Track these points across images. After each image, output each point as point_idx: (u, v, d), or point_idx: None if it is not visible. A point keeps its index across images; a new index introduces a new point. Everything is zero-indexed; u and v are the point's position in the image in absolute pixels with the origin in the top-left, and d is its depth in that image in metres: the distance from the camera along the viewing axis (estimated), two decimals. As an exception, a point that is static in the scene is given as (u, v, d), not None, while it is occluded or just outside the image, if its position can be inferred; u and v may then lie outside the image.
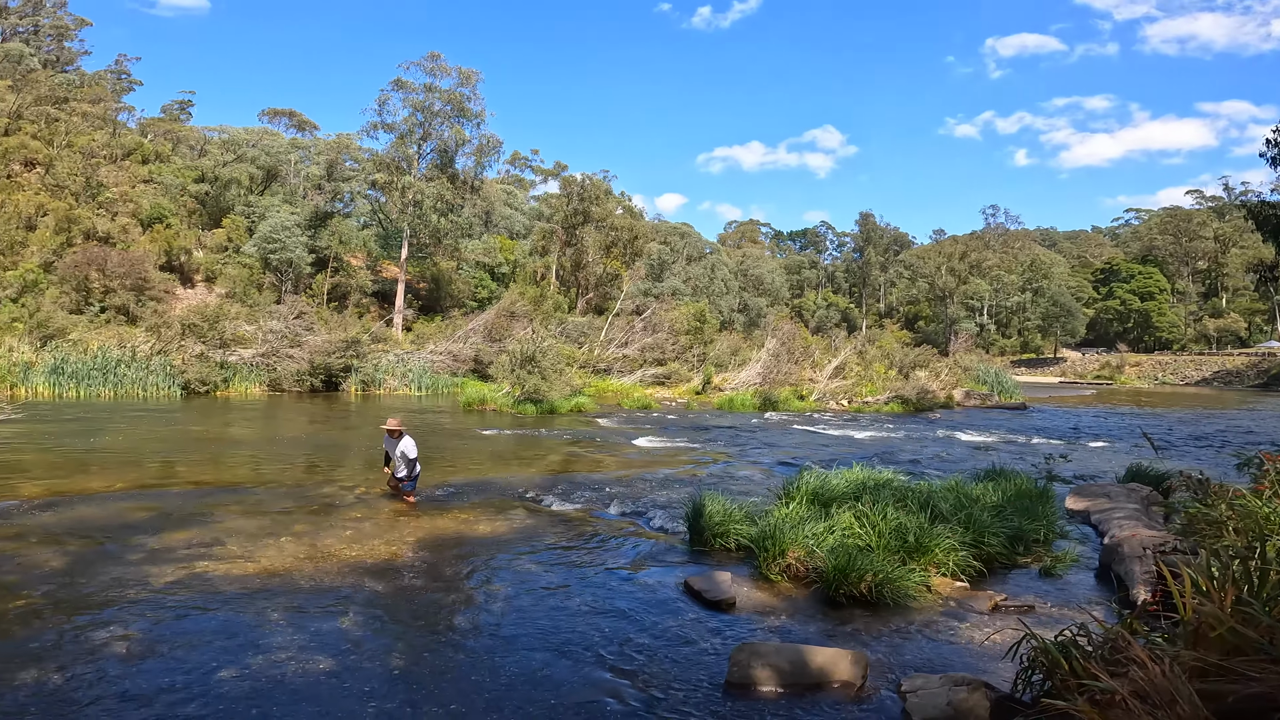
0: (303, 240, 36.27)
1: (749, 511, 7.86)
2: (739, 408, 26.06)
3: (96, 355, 21.73)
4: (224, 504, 8.49)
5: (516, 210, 58.15)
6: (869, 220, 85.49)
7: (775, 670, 4.44)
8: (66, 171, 33.42)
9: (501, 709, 4.04)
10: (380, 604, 5.64)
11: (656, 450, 15.16)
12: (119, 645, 4.47)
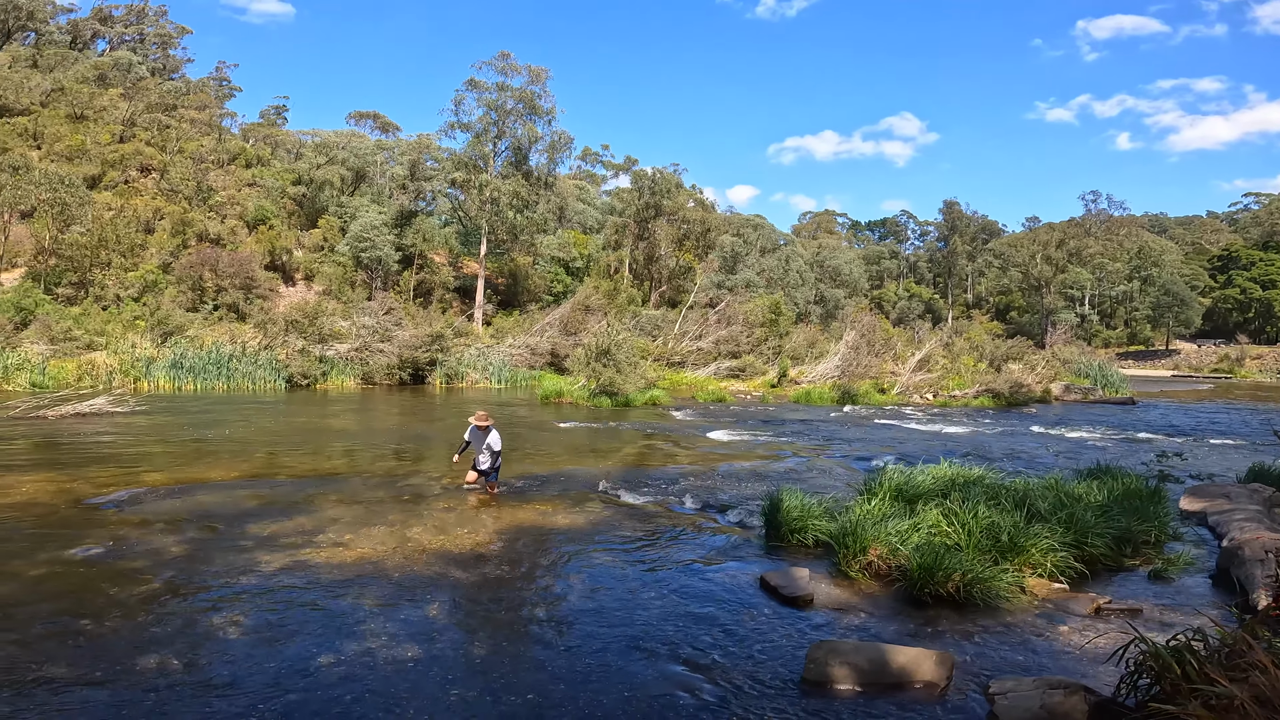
0: (390, 239, 37.93)
1: (828, 507, 7.70)
2: (816, 401, 25.49)
3: (211, 350, 23.36)
4: (323, 493, 9.02)
5: (589, 205, 58.82)
6: (954, 208, 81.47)
7: (853, 669, 4.34)
8: (179, 176, 36.09)
9: (577, 700, 4.12)
10: (463, 594, 5.85)
11: (731, 444, 15.05)
12: (231, 631, 4.80)
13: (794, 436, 16.25)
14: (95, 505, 7.88)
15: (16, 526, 6.86)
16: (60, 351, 21.76)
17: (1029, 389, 26.87)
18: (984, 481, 8.15)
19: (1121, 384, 32.89)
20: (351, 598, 5.50)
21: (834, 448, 14.64)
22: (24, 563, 5.79)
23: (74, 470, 9.74)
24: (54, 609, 4.95)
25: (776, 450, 14.14)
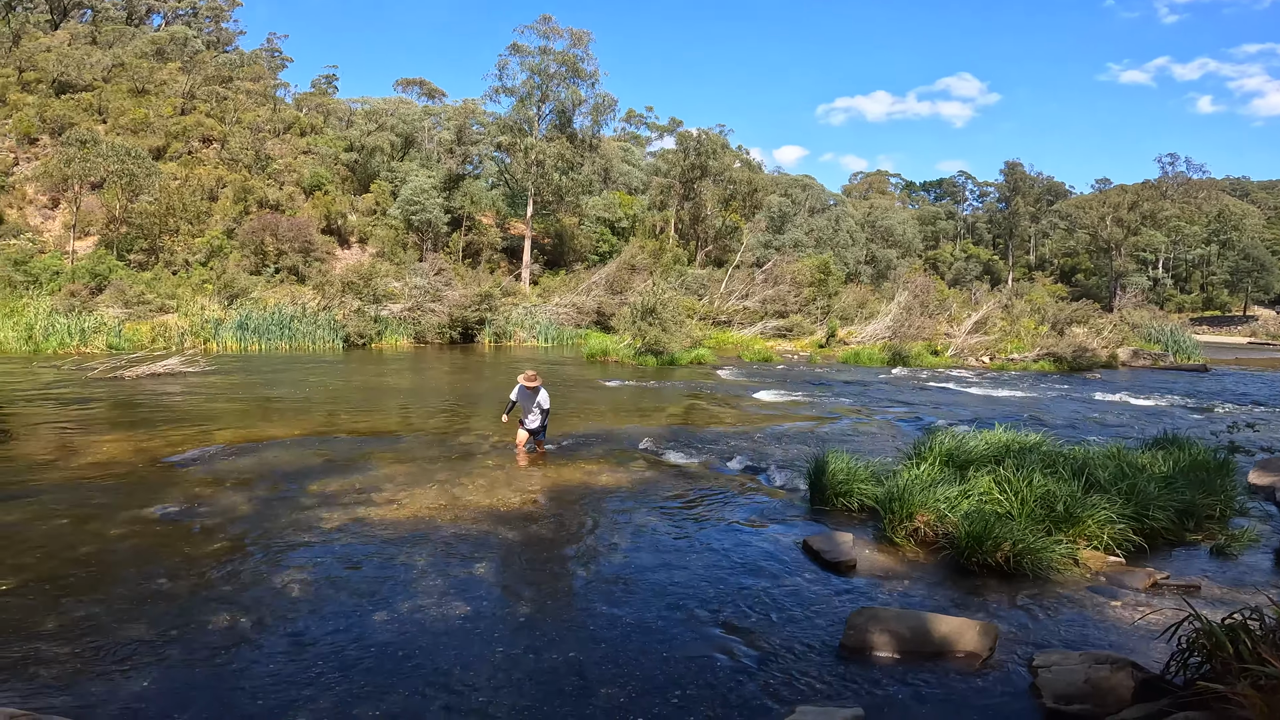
0: (439, 201, 38.56)
1: (875, 471, 7.59)
2: (865, 362, 25.00)
3: (273, 312, 24.19)
4: (379, 451, 9.34)
5: (634, 166, 58.20)
6: (1016, 169, 77.69)
7: (894, 636, 4.32)
8: (238, 146, 37.25)
9: (617, 660, 4.22)
10: (509, 552, 6.02)
11: (777, 404, 14.93)
12: (294, 588, 5.04)
13: (842, 398, 16.02)
14: (171, 464, 8.31)
15: (99, 485, 7.30)
16: (134, 315, 22.83)
17: (1093, 353, 25.70)
18: (1040, 448, 7.90)
19: (1194, 350, 31.18)
20: (404, 556, 5.72)
21: (883, 410, 14.39)
22: (106, 523, 6.14)
23: (150, 429, 10.30)
24: (134, 568, 5.24)
25: (823, 412, 13.98)
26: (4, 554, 5.27)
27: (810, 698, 3.80)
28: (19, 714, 2.97)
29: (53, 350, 18.91)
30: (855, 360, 25.39)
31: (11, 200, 29.69)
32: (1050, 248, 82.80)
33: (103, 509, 6.48)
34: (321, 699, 3.60)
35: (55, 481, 7.31)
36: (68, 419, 10.83)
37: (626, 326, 24.46)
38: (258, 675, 3.81)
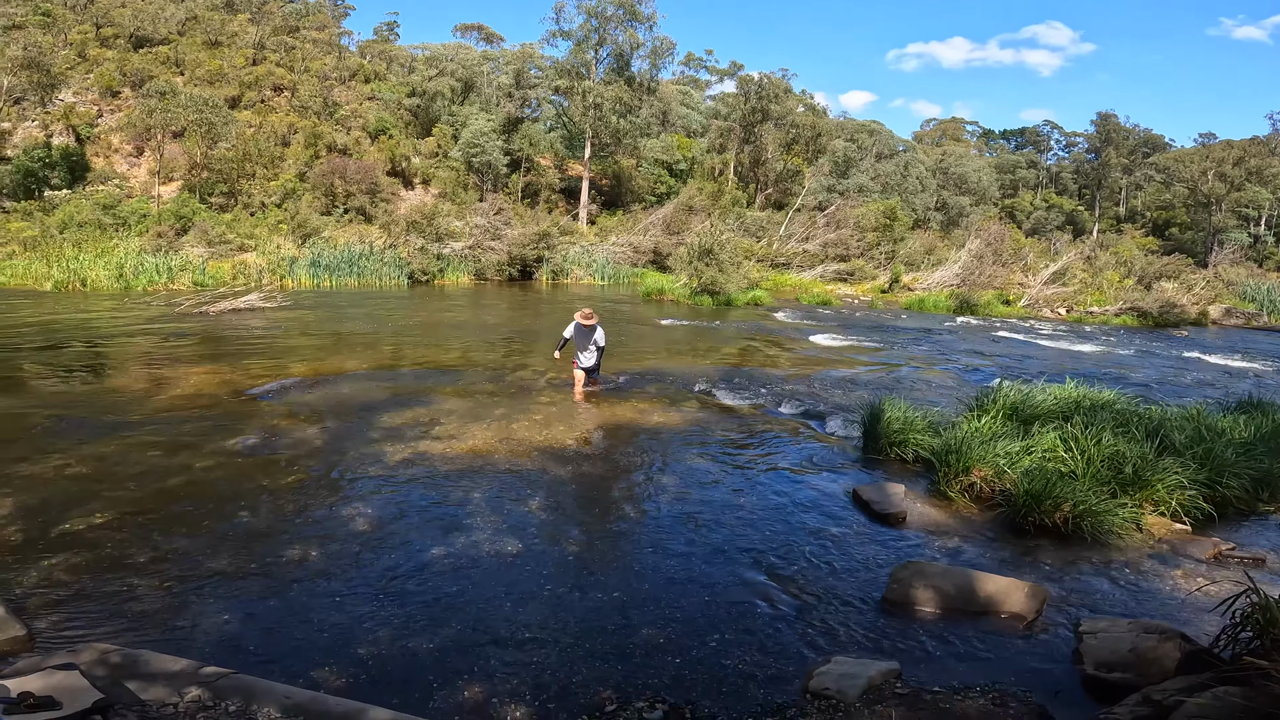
0: (498, 144, 38.83)
1: (932, 421, 7.38)
2: (930, 309, 24.08)
3: (343, 250, 25.18)
4: (440, 385, 9.65)
5: (693, 110, 56.50)
6: (1110, 120, 71.68)
7: (939, 593, 4.27)
8: (307, 94, 38.21)
9: (659, 601, 4.32)
10: (560, 490, 6.18)
11: (834, 349, 14.62)
12: (360, 523, 5.28)
13: (903, 345, 15.55)
14: (252, 396, 8.75)
15: (187, 417, 7.76)
16: (216, 254, 24.10)
17: (1182, 310, 24.00)
18: (1113, 406, 7.51)
19: (1291, 310, 28.74)
20: (461, 492, 5.94)
21: (945, 359, 13.91)
22: (193, 454, 6.53)
23: (233, 362, 10.88)
24: (217, 500, 5.56)
25: (882, 358, 13.63)
26: (103, 486, 5.68)
27: (848, 649, 3.83)
28: (112, 649, 3.21)
29: (142, 288, 20.08)
30: (919, 307, 24.48)
31: (98, 149, 31.38)
32: (1143, 200, 76.61)
33: (190, 441, 6.91)
34: (380, 631, 3.82)
35: (148, 414, 7.81)
36: (158, 352, 11.51)
37: (683, 266, 24.24)
38: (325, 608, 4.05)
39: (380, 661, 3.53)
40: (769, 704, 3.29)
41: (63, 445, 6.52)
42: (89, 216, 25.31)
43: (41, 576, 4.14)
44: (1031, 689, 3.44)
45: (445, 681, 3.39)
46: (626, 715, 3.16)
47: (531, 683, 3.42)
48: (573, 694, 3.35)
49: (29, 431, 6.88)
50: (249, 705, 2.85)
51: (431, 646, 3.70)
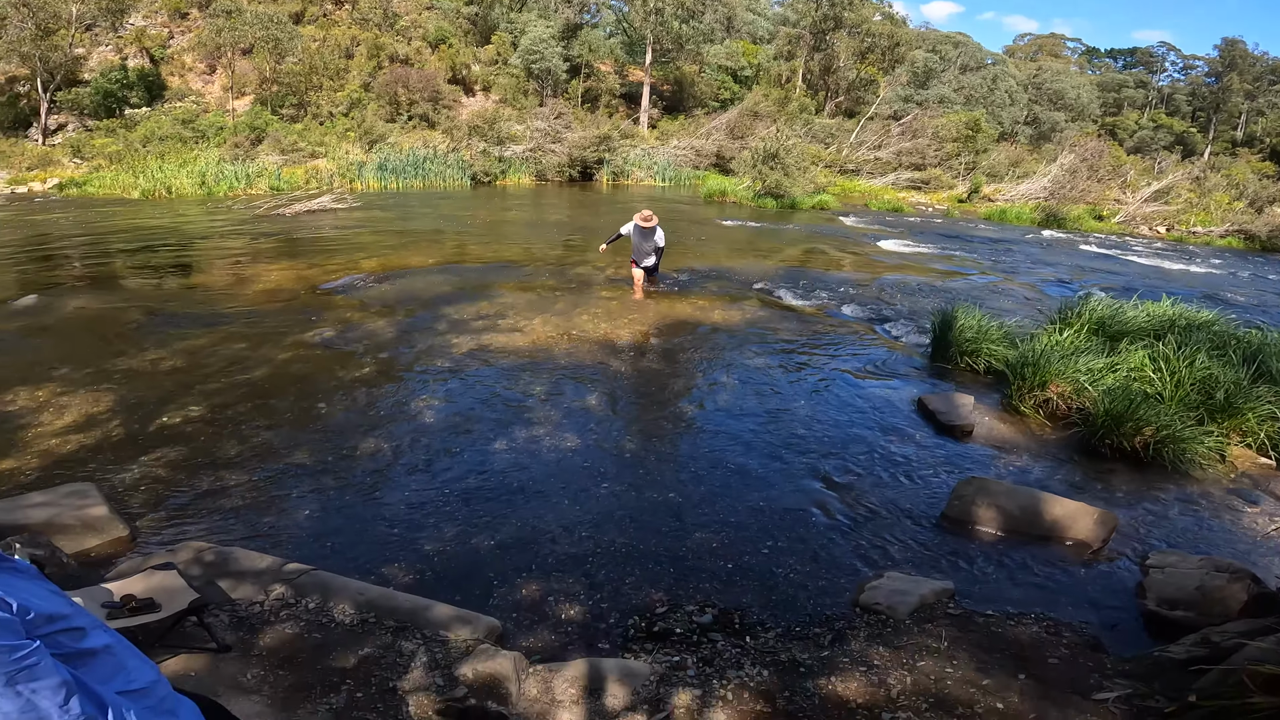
0: (557, 50, 37.57)
1: (1008, 332, 6.98)
2: (1012, 220, 22.34)
3: (408, 154, 25.93)
4: (503, 280, 9.72)
5: (759, 16, 51.87)
6: (1236, 46, 62.44)
7: (1001, 512, 4.14)
8: (368, 6, 37.75)
9: (714, 504, 4.34)
10: (619, 385, 6.19)
11: (904, 254, 13.85)
12: (428, 415, 5.44)
13: (979, 254, 14.57)
14: (327, 291, 9.00)
15: (268, 311, 8.06)
16: (289, 161, 25.20)
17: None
18: (1211, 327, 6.89)
19: None
20: (523, 385, 6.05)
21: (1026, 271, 12.98)
22: (274, 348, 6.78)
23: (308, 259, 11.21)
24: (297, 392, 5.80)
25: (955, 266, 12.84)
26: (194, 378, 5.99)
27: (901, 565, 3.79)
28: (206, 547, 3.41)
29: (223, 193, 21.10)
30: (1000, 218, 22.74)
31: (172, 69, 32.18)
32: (1264, 126, 67.27)
33: (272, 333, 7.20)
34: (445, 527, 3.99)
35: (233, 309, 8.13)
36: (240, 252, 11.92)
37: (746, 170, 23.21)
38: (394, 503, 4.24)
39: (444, 558, 3.70)
40: (818, 615, 3.31)
41: (157, 341, 6.86)
42: (169, 131, 26.49)
43: (141, 473, 4.39)
44: (1088, 621, 3.33)
45: (504, 579, 3.54)
46: (677, 618, 3.25)
47: (586, 582, 3.53)
48: (625, 595, 3.46)
49: (126, 328, 7.27)
50: (326, 602, 3.04)
51: (492, 543, 3.84)
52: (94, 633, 1.28)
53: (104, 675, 1.25)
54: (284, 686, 2.56)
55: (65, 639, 1.20)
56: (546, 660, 2.89)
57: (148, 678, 1.33)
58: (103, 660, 1.26)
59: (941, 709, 2.59)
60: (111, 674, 1.27)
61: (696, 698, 2.63)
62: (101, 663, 1.26)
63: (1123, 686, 2.69)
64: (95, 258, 10.96)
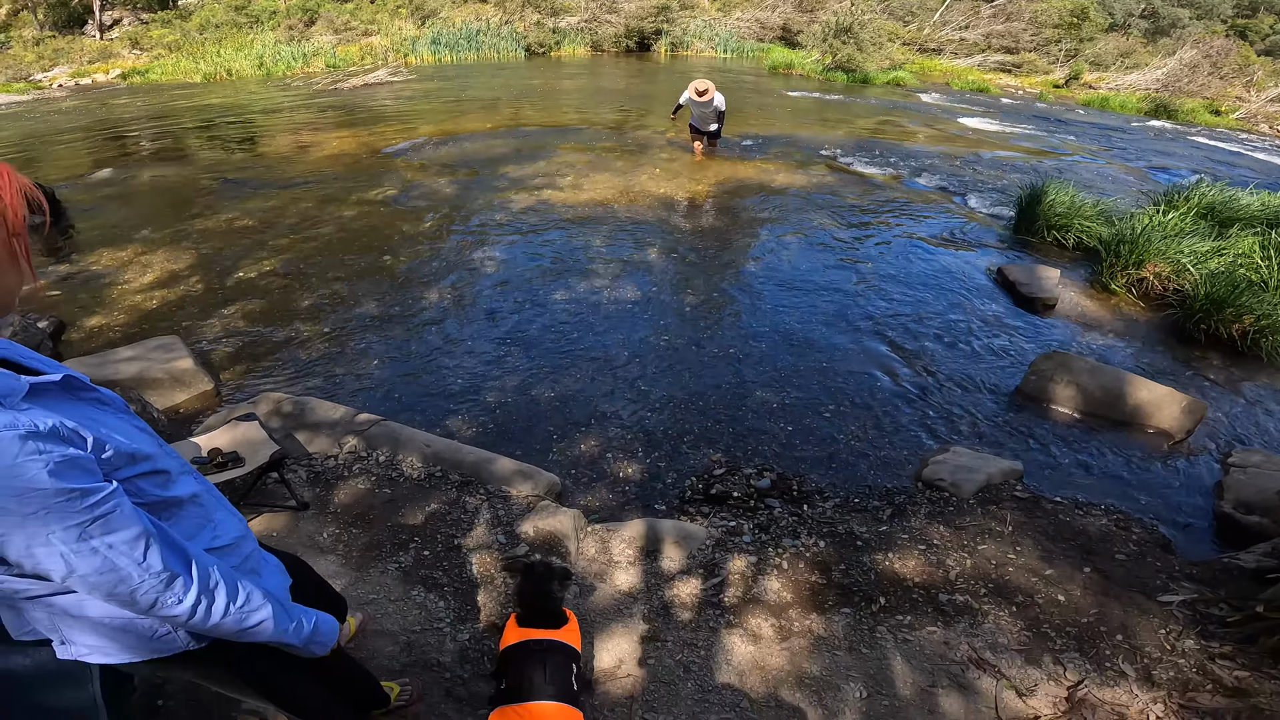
0: None
1: (1104, 210, 6.37)
2: (1115, 108, 19.67)
3: (461, 28, 24.95)
4: (559, 142, 9.36)
5: None
6: None
7: (1081, 391, 3.86)
8: None
9: (774, 363, 4.17)
10: (680, 240, 5.96)
11: (988, 132, 12.49)
12: (489, 267, 5.41)
13: (1075, 137, 12.96)
14: (388, 155, 8.90)
15: (333, 174, 8.02)
16: (343, 40, 24.71)
17: None
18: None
19: None
20: (583, 237, 5.89)
21: (1128, 156, 11.51)
22: (341, 206, 6.81)
23: (368, 127, 10.98)
24: (364, 246, 5.83)
25: (1046, 146, 11.52)
26: (267, 235, 6.06)
27: (968, 440, 3.60)
28: (284, 398, 3.45)
29: (281, 73, 20.82)
30: (1102, 105, 20.03)
31: None
32: None
33: (338, 194, 7.19)
34: (508, 379, 3.99)
35: (299, 173, 8.11)
36: (302, 124, 11.74)
37: (815, 44, 21.03)
38: (458, 353, 4.25)
39: (506, 410, 3.71)
40: (878, 486, 3.21)
41: (231, 203, 6.93)
42: (224, 18, 26.16)
43: (222, 326, 4.50)
44: (1160, 518, 3.13)
45: (563, 434, 3.53)
46: (734, 481, 3.20)
47: (645, 439, 3.49)
48: (683, 454, 3.41)
49: (200, 193, 7.34)
50: (395, 455, 3.09)
51: (551, 395, 3.82)
52: (181, 479, 1.14)
53: (190, 529, 1.12)
54: (357, 546, 2.61)
55: (148, 484, 1.05)
56: (604, 519, 2.92)
57: (234, 532, 1.21)
58: (189, 511, 1.13)
59: (1000, 596, 2.50)
60: (197, 528, 1.14)
61: (751, 565, 2.61)
62: (188, 514, 1.13)
63: (1188, 591, 2.54)
64: (164, 136, 10.98)
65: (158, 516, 1.05)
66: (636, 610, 2.40)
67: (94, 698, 1.24)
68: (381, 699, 1.79)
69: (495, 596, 2.41)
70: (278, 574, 1.32)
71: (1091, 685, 2.15)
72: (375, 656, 2.14)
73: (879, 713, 2.06)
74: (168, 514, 1.08)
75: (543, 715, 1.60)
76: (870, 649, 2.27)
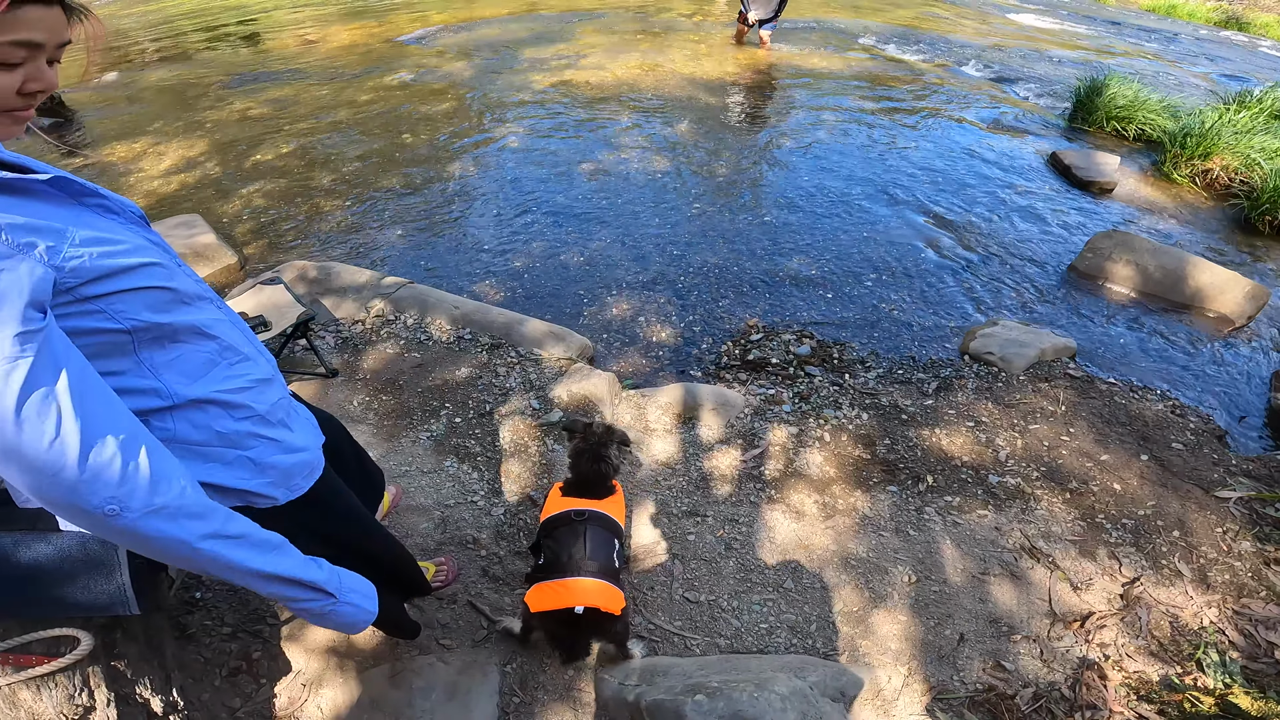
0: None
1: (1170, 105, 5.89)
2: (1180, 15, 17.65)
3: None
4: (582, 25, 8.74)
5: None
6: None
7: (1140, 271, 3.55)
8: None
9: (813, 231, 3.89)
10: (710, 116, 5.56)
11: (1040, 28, 11.35)
12: (512, 140, 5.09)
13: (1137, 39, 11.71)
14: (402, 42, 8.34)
15: (345, 63, 7.53)
16: None
17: None
18: None
19: None
20: (608, 113, 5.52)
21: (1194, 61, 10.42)
22: (356, 90, 6.42)
23: (379, 17, 10.26)
24: (382, 127, 5.50)
25: (1105, 45, 10.46)
26: (283, 121, 5.72)
27: (1018, 315, 3.35)
28: (309, 264, 3.32)
29: None
30: (1167, 11, 18.02)
31: None
32: None
33: (352, 81, 6.75)
34: (534, 244, 3.76)
35: (310, 65, 7.60)
36: (310, 17, 11.01)
37: None
38: (484, 224, 4.02)
39: (534, 275, 3.50)
40: (922, 358, 2.99)
41: (241, 95, 6.54)
42: None
43: (242, 204, 4.30)
44: (1216, 407, 2.90)
45: (594, 298, 3.33)
46: (773, 347, 2.99)
47: (678, 303, 3.28)
48: (718, 318, 3.20)
49: (209, 88, 6.90)
50: (423, 317, 2.92)
51: (581, 260, 3.60)
52: (199, 304, 0.92)
53: (195, 366, 0.90)
54: (388, 414, 2.48)
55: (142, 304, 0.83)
56: (638, 386, 2.75)
57: (258, 373, 1.00)
58: (198, 344, 0.91)
59: (1053, 480, 2.31)
60: (207, 365, 0.92)
61: (792, 436, 2.44)
62: (196, 347, 0.91)
63: (1245, 487, 2.34)
64: (166, 38, 10.34)
65: (148, 350, 0.85)
66: (676, 482, 2.27)
67: (123, 588, 1.08)
68: (424, 586, 1.63)
69: (530, 467, 2.28)
70: (309, 428, 1.13)
71: (1147, 583, 2.00)
72: (410, 534, 2.02)
73: (928, 598, 1.92)
74: (167, 344, 0.87)
75: (583, 592, 1.46)
76: (918, 531, 2.12)
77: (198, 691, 1.55)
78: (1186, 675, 1.76)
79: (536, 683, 1.66)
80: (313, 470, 1.10)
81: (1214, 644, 1.83)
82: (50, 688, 1.21)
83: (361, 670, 1.66)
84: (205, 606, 1.78)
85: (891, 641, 1.82)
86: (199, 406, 0.91)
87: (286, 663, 1.69)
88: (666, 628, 1.82)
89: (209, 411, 0.91)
